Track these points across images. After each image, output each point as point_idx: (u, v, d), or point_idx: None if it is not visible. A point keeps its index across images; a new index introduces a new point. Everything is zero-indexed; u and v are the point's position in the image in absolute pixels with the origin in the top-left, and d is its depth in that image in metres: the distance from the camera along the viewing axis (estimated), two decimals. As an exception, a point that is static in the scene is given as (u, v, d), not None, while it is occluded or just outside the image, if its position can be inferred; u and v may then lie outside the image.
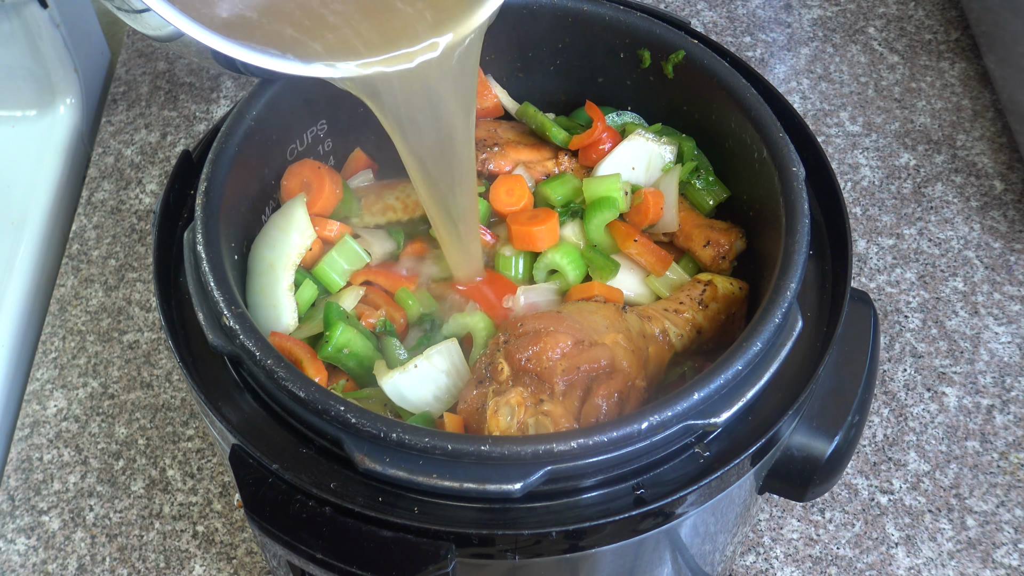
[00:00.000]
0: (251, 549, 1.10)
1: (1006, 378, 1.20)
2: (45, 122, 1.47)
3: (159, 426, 1.19)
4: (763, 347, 0.74)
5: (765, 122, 0.85)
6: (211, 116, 1.49)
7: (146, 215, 1.38)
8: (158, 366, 1.23)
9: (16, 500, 1.14)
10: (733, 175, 0.94)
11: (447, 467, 0.69)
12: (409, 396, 0.82)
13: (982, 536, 1.09)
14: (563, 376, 0.78)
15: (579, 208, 0.95)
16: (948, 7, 1.58)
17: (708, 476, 0.72)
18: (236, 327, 0.74)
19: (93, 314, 1.28)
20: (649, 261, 0.92)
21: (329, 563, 0.70)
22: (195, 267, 0.78)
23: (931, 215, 1.34)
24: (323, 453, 0.73)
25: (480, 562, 0.73)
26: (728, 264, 0.92)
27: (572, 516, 0.70)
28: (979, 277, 1.28)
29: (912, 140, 1.42)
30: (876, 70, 1.50)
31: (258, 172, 0.90)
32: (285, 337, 0.84)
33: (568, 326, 0.80)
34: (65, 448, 1.17)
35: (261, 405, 0.76)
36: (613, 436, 0.69)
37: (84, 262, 1.34)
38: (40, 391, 1.22)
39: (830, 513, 1.11)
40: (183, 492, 1.14)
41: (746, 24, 1.58)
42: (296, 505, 0.71)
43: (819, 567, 1.08)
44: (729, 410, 0.72)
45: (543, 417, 0.75)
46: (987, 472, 1.13)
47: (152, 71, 1.54)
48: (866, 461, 1.14)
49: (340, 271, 0.90)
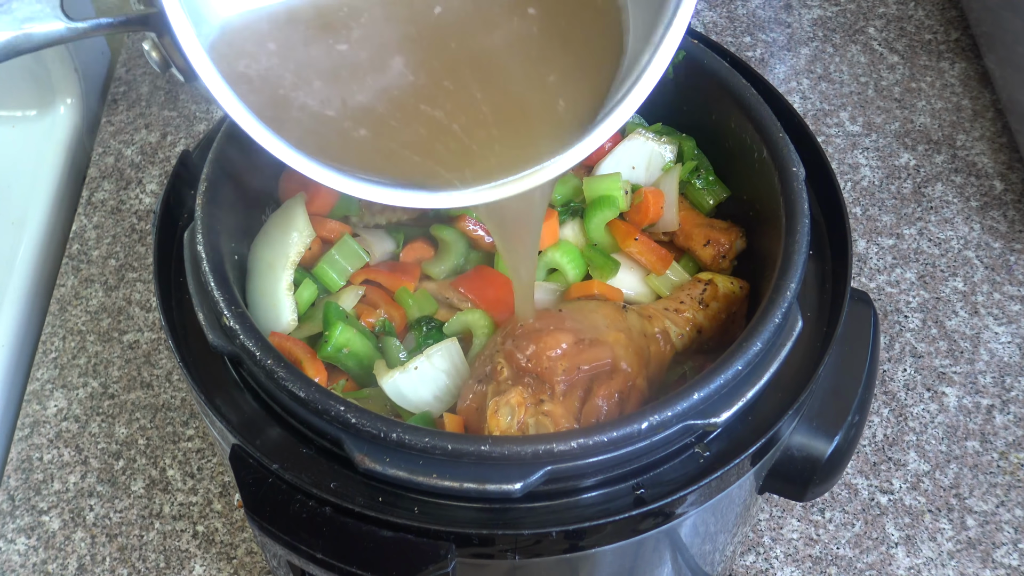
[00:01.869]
0: (251, 549, 1.10)
1: (1006, 378, 1.20)
2: (45, 122, 1.47)
3: (159, 426, 1.19)
4: (763, 347, 0.74)
5: (765, 122, 0.85)
6: (211, 116, 1.49)
7: (146, 215, 1.38)
8: (158, 366, 1.23)
9: (16, 500, 1.14)
10: (733, 175, 0.94)
11: (447, 467, 0.69)
12: (409, 396, 0.82)
13: (982, 536, 1.09)
14: (563, 376, 0.77)
15: (579, 207, 0.94)
16: (948, 7, 1.58)
17: (708, 476, 0.72)
18: (236, 327, 0.74)
19: (93, 314, 1.28)
20: (649, 260, 0.92)
21: (329, 563, 0.70)
22: (195, 267, 0.78)
23: (931, 215, 1.34)
24: (323, 453, 0.73)
25: (480, 562, 0.73)
26: (728, 263, 0.92)
27: (572, 516, 0.70)
28: (979, 277, 1.28)
29: (912, 140, 1.42)
30: (876, 70, 1.50)
31: (258, 172, 0.90)
32: (285, 337, 0.84)
33: (568, 325, 0.80)
34: (65, 448, 1.17)
35: (261, 405, 0.76)
36: (613, 436, 0.69)
37: (84, 262, 1.33)
38: (40, 391, 1.22)
39: (830, 513, 1.11)
40: (183, 492, 1.14)
41: (746, 24, 1.58)
42: (296, 505, 0.71)
43: (819, 567, 1.08)
44: (729, 410, 0.72)
45: (543, 417, 0.75)
46: (987, 472, 1.13)
47: (152, 71, 1.54)
48: (866, 461, 1.14)
49: (340, 271, 0.90)
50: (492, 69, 0.72)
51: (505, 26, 0.72)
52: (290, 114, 0.68)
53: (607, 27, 0.74)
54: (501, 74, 0.72)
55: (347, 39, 0.70)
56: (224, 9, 0.69)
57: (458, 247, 0.92)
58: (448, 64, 0.71)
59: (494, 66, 0.72)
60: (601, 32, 0.74)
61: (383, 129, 0.69)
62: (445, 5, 0.72)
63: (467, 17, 0.72)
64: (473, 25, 0.72)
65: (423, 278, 0.93)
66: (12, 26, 0.62)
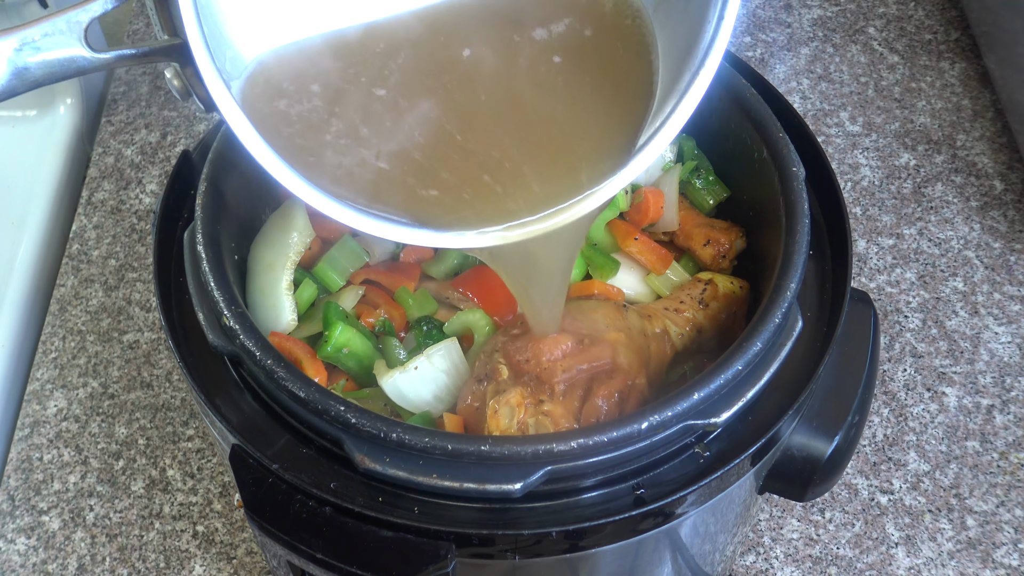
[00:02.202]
0: (251, 549, 1.10)
1: (1006, 378, 1.20)
2: (45, 122, 1.47)
3: (159, 426, 1.19)
4: (763, 347, 0.74)
5: (765, 122, 0.85)
6: (211, 116, 1.48)
7: (146, 215, 1.38)
8: (158, 366, 1.23)
9: (16, 500, 1.14)
10: (733, 175, 0.94)
11: (447, 467, 0.69)
12: (409, 396, 0.82)
13: (982, 536, 1.09)
14: (563, 376, 0.77)
15: (579, 208, 0.94)
16: (948, 7, 1.58)
17: (708, 476, 0.72)
18: (236, 327, 0.74)
19: (93, 314, 1.28)
20: (649, 260, 0.92)
21: (329, 563, 0.70)
22: (195, 267, 0.78)
23: (931, 215, 1.34)
24: (323, 453, 0.73)
25: (480, 562, 0.73)
26: (728, 263, 0.92)
27: (572, 516, 0.70)
28: (979, 277, 1.28)
29: (912, 140, 1.42)
30: (876, 70, 1.50)
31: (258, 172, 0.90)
32: (285, 337, 0.84)
33: (568, 324, 0.80)
34: (65, 448, 1.17)
35: (261, 405, 0.76)
36: (613, 436, 0.69)
37: (84, 262, 1.33)
38: (40, 391, 1.22)
39: (830, 513, 1.11)
40: (183, 492, 1.14)
41: (746, 24, 1.58)
42: (296, 505, 0.71)
43: (819, 567, 1.08)
44: (729, 410, 0.72)
45: (543, 417, 0.75)
46: (987, 472, 1.13)
47: (152, 71, 1.54)
48: (866, 461, 1.14)
49: (340, 270, 0.90)
50: (525, 110, 0.72)
51: (533, 69, 0.73)
52: (324, 155, 0.69)
53: (637, 63, 0.74)
54: (535, 115, 0.73)
55: (385, 84, 0.71)
56: (258, 45, 0.70)
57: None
58: (478, 106, 0.72)
59: (526, 107, 0.73)
60: (631, 69, 0.74)
61: (422, 172, 0.70)
62: (474, 49, 0.73)
63: (494, 60, 0.73)
64: (501, 68, 0.73)
65: (423, 278, 0.93)
66: (36, 59, 0.63)
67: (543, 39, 0.73)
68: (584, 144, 0.72)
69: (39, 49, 0.62)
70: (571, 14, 0.74)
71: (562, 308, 0.80)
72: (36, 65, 0.63)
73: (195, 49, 0.60)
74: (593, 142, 0.72)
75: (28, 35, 0.62)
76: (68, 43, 0.63)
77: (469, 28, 0.73)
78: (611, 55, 0.74)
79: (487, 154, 0.71)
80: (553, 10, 0.74)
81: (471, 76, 0.72)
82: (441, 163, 0.70)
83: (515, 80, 0.73)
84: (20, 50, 0.62)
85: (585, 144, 0.72)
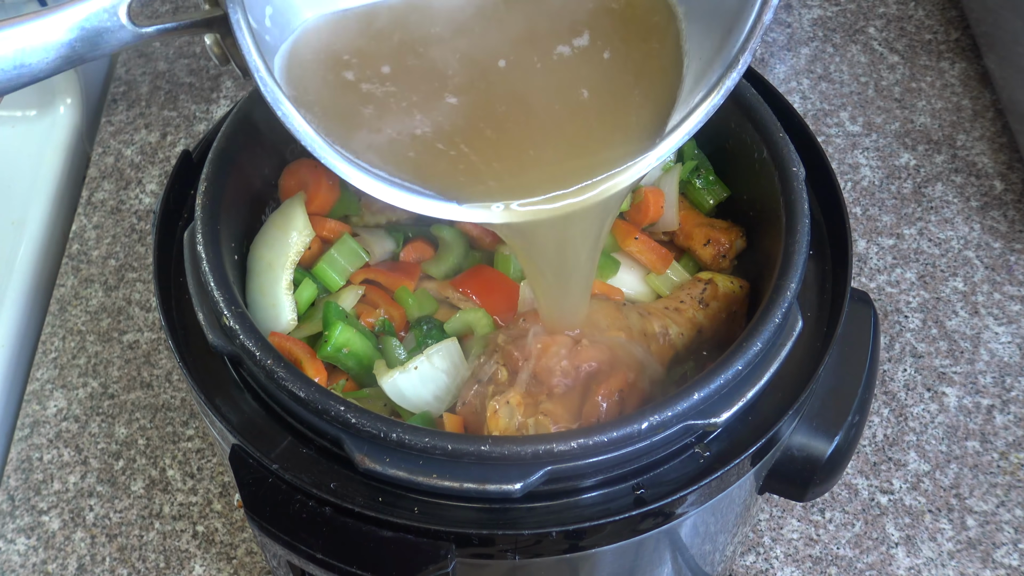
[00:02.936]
0: (251, 549, 1.10)
1: (1006, 378, 1.20)
2: (45, 122, 1.47)
3: (159, 426, 1.19)
4: (763, 347, 0.74)
5: (765, 122, 0.85)
6: (211, 116, 1.49)
7: (146, 215, 1.38)
8: (158, 366, 1.23)
9: (16, 500, 1.14)
10: (733, 175, 0.94)
11: (447, 467, 0.69)
12: (409, 396, 0.82)
13: (982, 536, 1.09)
14: (563, 375, 0.77)
15: (579, 208, 0.94)
16: (948, 7, 1.58)
17: (708, 476, 0.72)
18: (236, 327, 0.74)
19: (93, 314, 1.28)
20: (649, 259, 0.92)
21: (329, 563, 0.70)
22: (195, 267, 0.78)
23: (931, 215, 1.34)
24: (323, 453, 0.73)
25: (480, 562, 0.73)
26: (728, 263, 0.92)
27: (572, 516, 0.70)
28: (979, 277, 1.28)
29: (912, 140, 1.42)
30: (876, 70, 1.50)
31: (258, 172, 0.90)
32: (285, 337, 0.84)
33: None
34: (65, 448, 1.17)
35: (261, 405, 0.76)
36: (613, 436, 0.69)
37: (84, 262, 1.33)
38: (40, 391, 1.22)
39: (830, 513, 1.11)
40: (183, 492, 1.14)
41: (746, 24, 1.57)
42: (296, 505, 0.71)
43: (819, 567, 1.08)
44: (729, 410, 0.72)
45: (543, 417, 0.75)
46: (987, 472, 1.13)
47: (152, 71, 1.54)
48: (866, 461, 1.14)
49: (340, 270, 0.90)
50: (563, 87, 0.75)
51: (573, 49, 0.76)
52: (361, 123, 0.70)
53: (664, 43, 0.77)
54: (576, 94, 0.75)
55: (426, 55, 0.73)
56: (305, 12, 0.70)
57: (458, 247, 0.92)
58: (529, 76, 0.75)
59: (565, 84, 0.75)
60: (661, 50, 0.77)
61: (467, 138, 0.72)
62: (518, 27, 0.75)
63: (536, 39, 0.76)
64: (544, 45, 0.76)
65: (423, 278, 0.92)
66: (78, 34, 0.63)
67: (582, 20, 0.76)
68: (621, 120, 0.75)
69: (82, 26, 0.63)
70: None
71: (588, 301, 0.81)
72: (80, 41, 0.63)
73: (236, 26, 0.61)
74: (628, 118, 0.75)
75: (71, 13, 0.62)
76: (112, 18, 0.63)
77: (514, 6, 0.75)
78: (642, 35, 0.77)
79: (530, 125, 0.73)
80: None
81: (513, 50, 0.74)
82: (485, 127, 0.72)
83: (556, 59, 0.74)
84: (70, 29, 0.63)
85: (622, 120, 0.75)
